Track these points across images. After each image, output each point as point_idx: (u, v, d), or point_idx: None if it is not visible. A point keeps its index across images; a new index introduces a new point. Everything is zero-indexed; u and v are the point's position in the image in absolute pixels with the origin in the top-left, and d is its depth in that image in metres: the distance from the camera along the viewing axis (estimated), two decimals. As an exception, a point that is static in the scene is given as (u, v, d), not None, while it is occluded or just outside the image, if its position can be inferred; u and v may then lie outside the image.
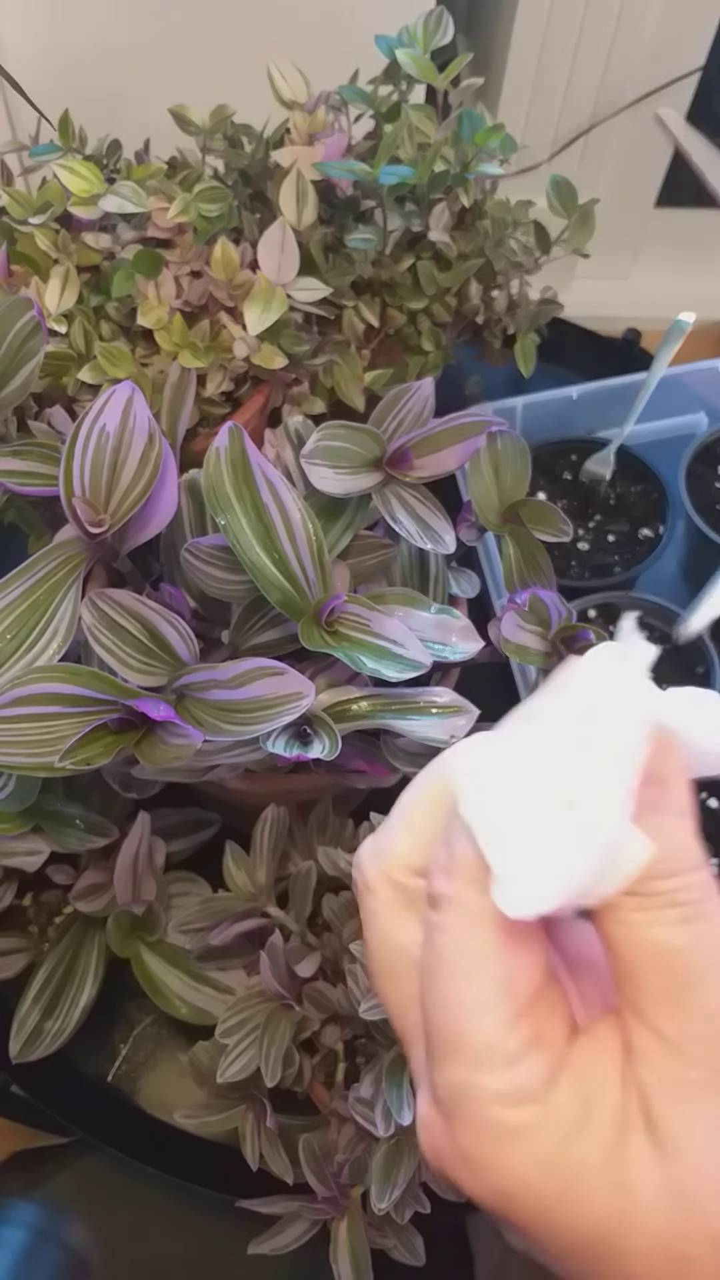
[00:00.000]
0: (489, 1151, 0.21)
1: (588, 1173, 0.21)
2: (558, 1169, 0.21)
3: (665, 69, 1.04)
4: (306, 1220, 0.54)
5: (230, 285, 0.63)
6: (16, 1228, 0.68)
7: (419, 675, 0.49)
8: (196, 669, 0.47)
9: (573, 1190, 0.21)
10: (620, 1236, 0.21)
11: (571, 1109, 0.21)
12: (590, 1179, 0.21)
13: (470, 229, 0.72)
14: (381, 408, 0.54)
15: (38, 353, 0.51)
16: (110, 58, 0.91)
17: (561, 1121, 0.21)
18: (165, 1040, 0.66)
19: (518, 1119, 0.21)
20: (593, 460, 0.84)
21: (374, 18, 0.77)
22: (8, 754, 0.44)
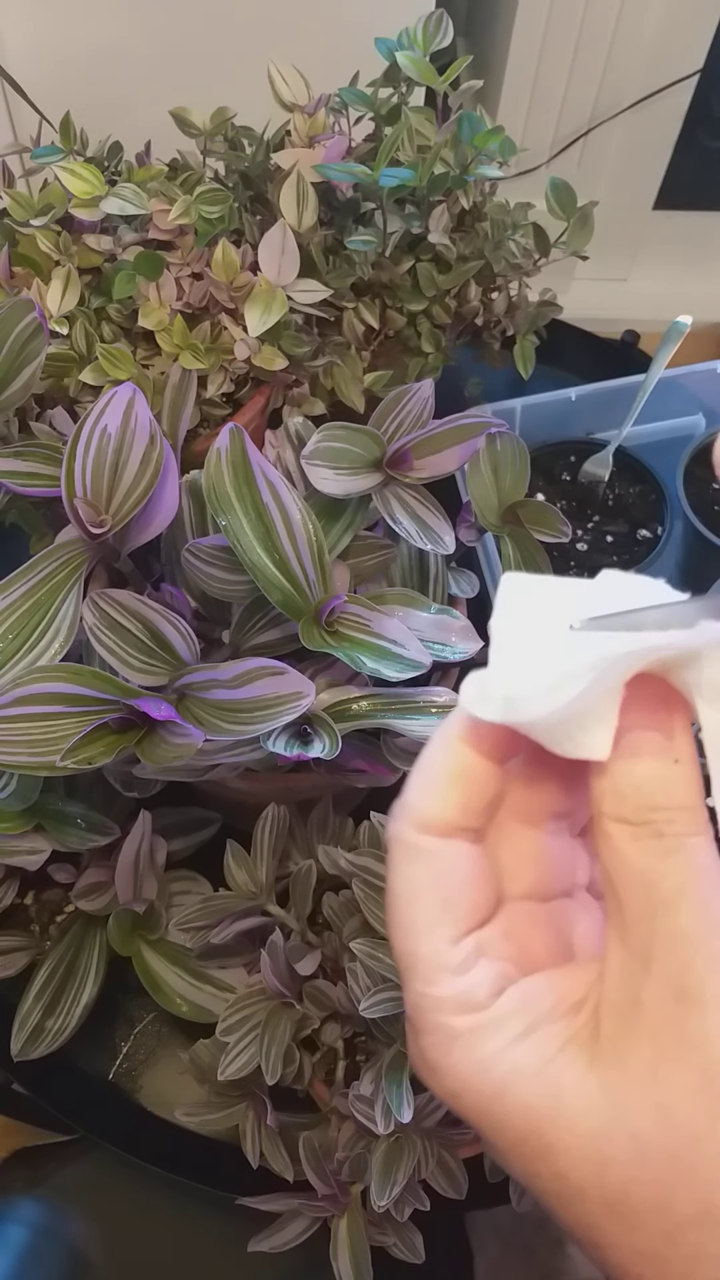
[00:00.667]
0: (440, 1055, 0.24)
1: (521, 1075, 0.23)
2: (494, 1073, 0.23)
3: (664, 71, 1.05)
4: (307, 1218, 0.54)
5: (231, 287, 0.63)
6: (18, 1225, 0.69)
7: (419, 675, 0.49)
8: (197, 669, 0.47)
9: (506, 1092, 0.23)
10: (549, 1133, 0.23)
11: (513, 1020, 0.24)
12: (523, 1081, 0.23)
13: (470, 231, 0.72)
14: (381, 409, 0.55)
15: (39, 354, 0.52)
16: (111, 60, 0.92)
17: (501, 1030, 0.24)
18: (166, 1038, 0.67)
19: (461, 1024, 0.24)
20: (591, 461, 0.84)
21: (374, 20, 0.77)
22: (10, 753, 0.44)
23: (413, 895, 0.25)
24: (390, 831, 0.26)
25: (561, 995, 0.24)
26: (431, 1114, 0.52)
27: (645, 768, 0.23)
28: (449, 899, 0.25)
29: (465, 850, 0.25)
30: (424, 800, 0.25)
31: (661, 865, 0.23)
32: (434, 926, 0.25)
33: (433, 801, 0.25)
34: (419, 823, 0.25)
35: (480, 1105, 0.24)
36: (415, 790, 0.25)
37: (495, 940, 0.25)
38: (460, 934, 0.25)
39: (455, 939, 0.25)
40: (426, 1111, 0.52)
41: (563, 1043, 0.24)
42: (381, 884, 0.53)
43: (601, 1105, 0.22)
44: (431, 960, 0.25)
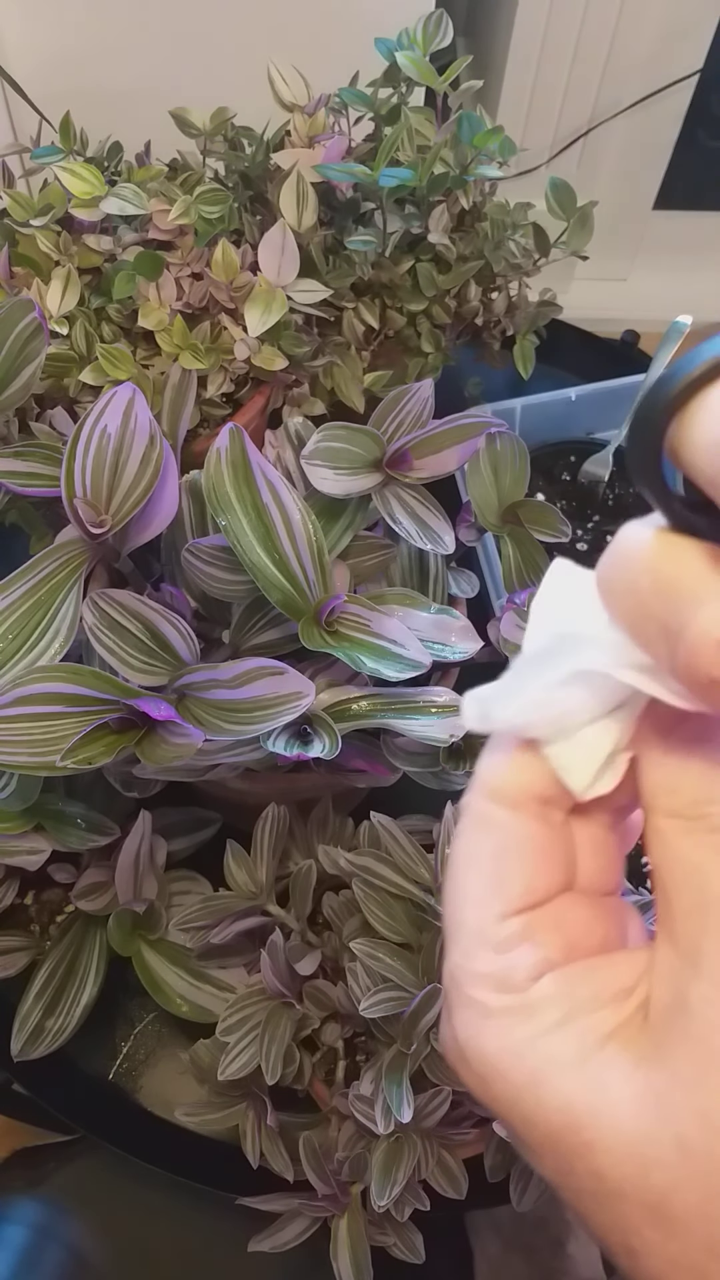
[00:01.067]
0: (471, 1034, 0.23)
1: (558, 1066, 0.22)
2: (528, 1058, 0.23)
3: (664, 72, 1.05)
4: (307, 1218, 0.54)
5: (231, 287, 0.63)
6: (18, 1225, 0.69)
7: (419, 675, 0.49)
8: (197, 669, 0.47)
9: (543, 1082, 0.22)
10: (589, 1130, 0.22)
11: (551, 1006, 0.23)
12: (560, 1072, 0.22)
13: (469, 231, 0.72)
14: (381, 409, 0.55)
15: (39, 354, 0.52)
16: (111, 60, 0.92)
17: (538, 1014, 0.23)
18: (166, 1038, 0.67)
19: (495, 1002, 0.23)
20: (591, 461, 0.84)
21: (374, 20, 0.78)
22: (10, 753, 0.44)
23: (469, 863, 0.24)
24: (463, 800, 0.25)
25: (605, 982, 0.24)
26: (431, 1114, 0.52)
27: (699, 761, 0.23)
28: (505, 873, 0.24)
29: (533, 827, 0.24)
30: (496, 768, 0.24)
31: (715, 861, 0.22)
32: (484, 899, 0.24)
33: (504, 769, 0.24)
34: (490, 789, 0.24)
35: (510, 1094, 0.23)
36: (488, 758, 0.25)
37: (545, 925, 0.24)
38: (509, 911, 0.24)
39: (503, 915, 0.24)
40: (426, 1111, 0.52)
41: (606, 1035, 0.23)
42: (381, 884, 0.53)
43: (648, 1106, 0.21)
44: (475, 932, 0.24)
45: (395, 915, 0.53)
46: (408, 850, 0.54)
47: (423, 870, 0.53)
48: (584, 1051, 0.22)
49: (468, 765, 0.52)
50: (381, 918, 0.53)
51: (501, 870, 0.24)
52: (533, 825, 0.24)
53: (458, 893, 0.24)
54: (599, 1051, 0.22)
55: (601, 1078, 0.22)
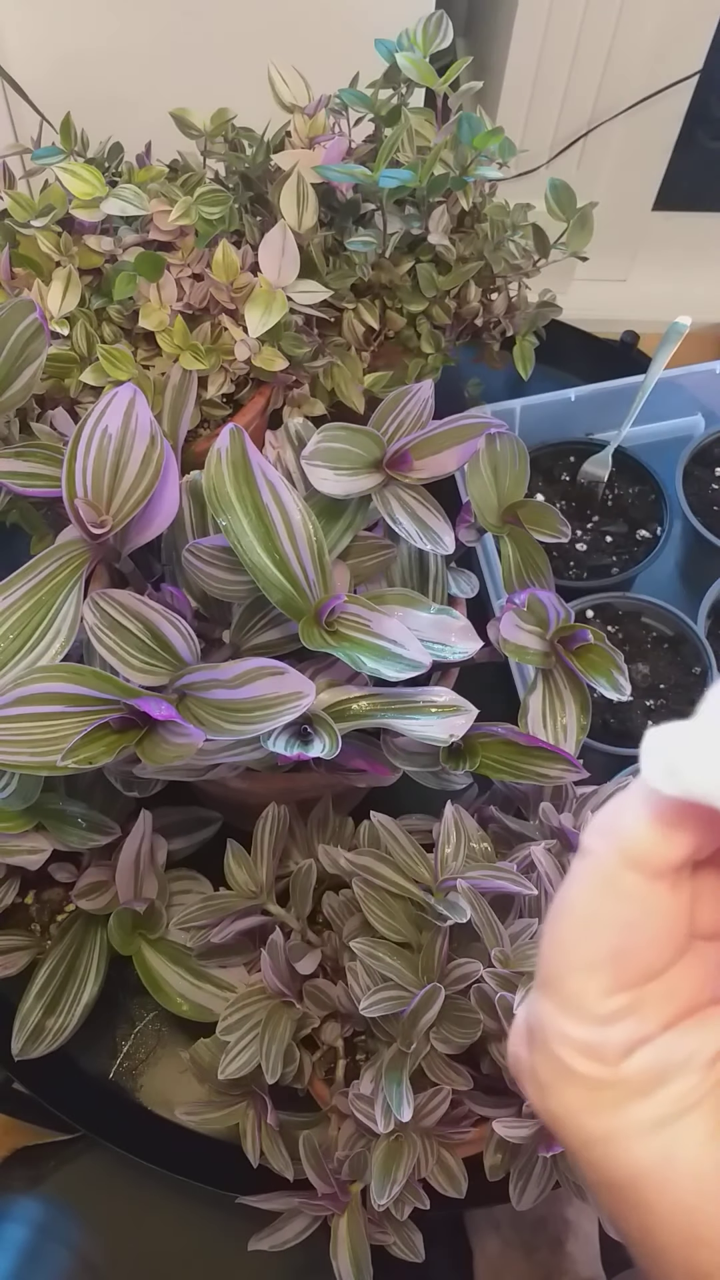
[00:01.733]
0: (552, 1080, 0.23)
1: (634, 1131, 0.22)
2: (608, 1120, 0.22)
3: (663, 72, 1.05)
4: (307, 1216, 0.54)
5: (231, 288, 0.63)
6: (19, 1224, 0.69)
7: (418, 675, 0.49)
8: (198, 669, 0.47)
9: (615, 1141, 0.22)
10: (648, 1192, 0.22)
11: (641, 1080, 0.22)
12: (636, 1138, 0.22)
13: (469, 232, 0.73)
14: (381, 410, 0.55)
15: (40, 355, 0.52)
16: (112, 61, 0.92)
17: (625, 1087, 0.22)
18: (166, 1037, 0.67)
19: (586, 1070, 0.23)
20: (591, 462, 0.84)
21: (374, 21, 0.78)
22: (10, 753, 0.45)
23: (590, 925, 0.23)
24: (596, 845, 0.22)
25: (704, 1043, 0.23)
26: (431, 1113, 0.52)
27: None
28: (624, 951, 0.22)
29: (666, 901, 0.22)
30: (640, 830, 0.21)
31: None
32: (595, 969, 0.22)
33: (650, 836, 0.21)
34: (629, 854, 0.22)
35: (581, 1140, 0.23)
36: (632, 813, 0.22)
37: (657, 998, 0.23)
38: (618, 988, 0.23)
39: (613, 990, 0.23)
40: (426, 1110, 0.52)
41: (689, 1105, 0.22)
42: (381, 884, 0.53)
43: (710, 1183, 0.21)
44: (577, 996, 0.23)
45: (395, 915, 0.53)
46: (408, 850, 0.54)
47: (423, 870, 0.53)
48: (662, 1120, 0.22)
49: (467, 765, 0.53)
50: (381, 917, 0.53)
51: (627, 945, 0.22)
52: (669, 897, 0.22)
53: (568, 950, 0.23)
54: (680, 1120, 0.22)
55: (672, 1147, 0.22)
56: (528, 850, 0.54)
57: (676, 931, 0.23)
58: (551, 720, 0.56)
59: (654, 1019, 0.23)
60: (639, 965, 0.23)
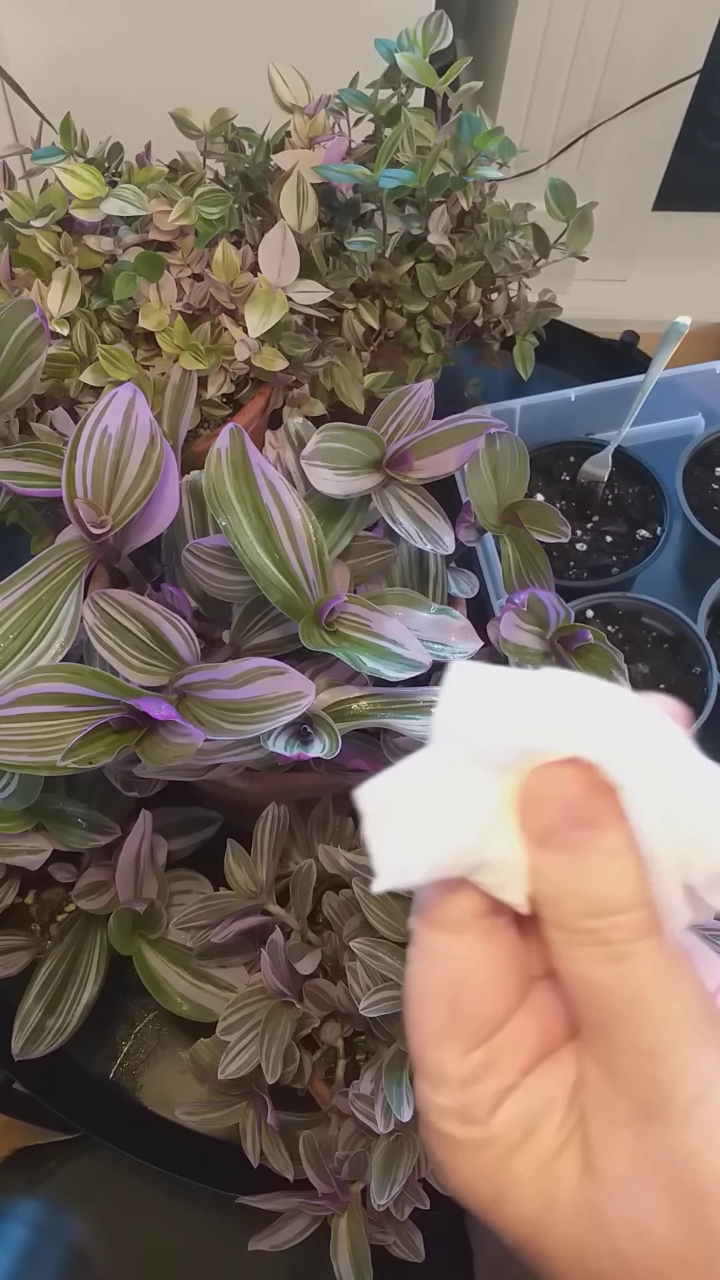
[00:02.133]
0: (446, 1157, 0.24)
1: (519, 1184, 0.23)
2: (495, 1179, 0.23)
3: (663, 73, 1.05)
4: (307, 1216, 0.54)
5: (231, 288, 0.63)
6: (18, 1224, 0.69)
7: (418, 675, 0.49)
8: (198, 668, 0.47)
9: (506, 1198, 0.23)
10: (544, 1242, 0.23)
11: (512, 1131, 0.23)
12: (521, 1189, 0.23)
13: (469, 232, 0.73)
14: (381, 410, 0.55)
15: (40, 355, 0.52)
16: (112, 61, 0.92)
17: (501, 1141, 0.23)
18: (166, 1037, 0.67)
19: (464, 1134, 0.24)
20: (591, 462, 0.84)
21: (374, 21, 0.78)
22: (10, 753, 0.45)
23: (424, 999, 0.24)
24: (411, 924, 0.25)
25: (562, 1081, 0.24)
26: (431, 1113, 0.52)
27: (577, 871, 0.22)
28: (459, 1009, 0.23)
29: (483, 950, 0.24)
30: (433, 895, 0.24)
31: (609, 976, 0.22)
32: (442, 1038, 0.24)
33: (442, 896, 0.23)
34: (432, 919, 0.24)
35: (483, 1206, 0.24)
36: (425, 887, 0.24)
37: (507, 1048, 0.24)
38: (469, 1047, 0.24)
39: (464, 1052, 0.23)
40: (426, 1110, 0.52)
41: (560, 1144, 0.23)
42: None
43: (588, 1219, 0.22)
44: (436, 1071, 0.24)
45: (395, 914, 0.53)
46: (407, 850, 0.54)
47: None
48: (541, 1165, 0.23)
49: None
50: (381, 917, 0.53)
51: (457, 1006, 0.23)
52: (482, 947, 0.24)
53: (416, 1029, 0.24)
54: (554, 1163, 0.23)
55: (552, 1192, 0.23)
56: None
57: (504, 979, 0.24)
58: (551, 720, 0.56)
59: (511, 1068, 0.24)
60: (477, 1019, 0.24)
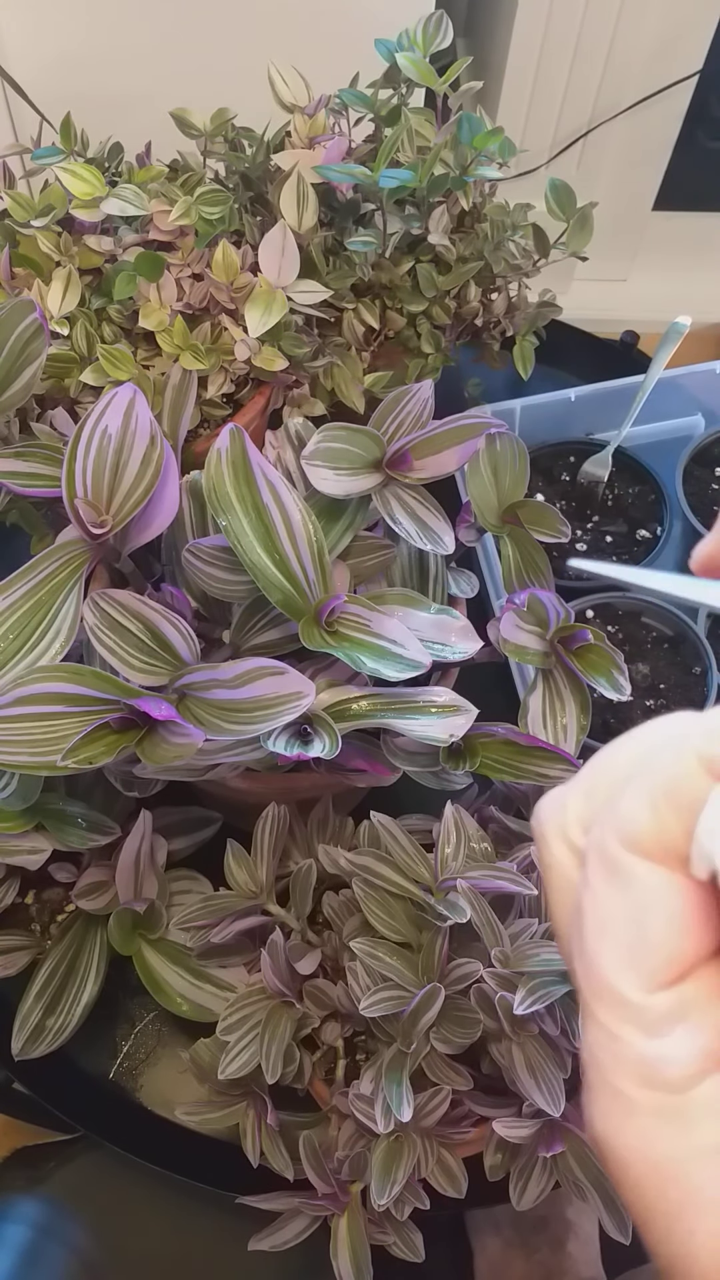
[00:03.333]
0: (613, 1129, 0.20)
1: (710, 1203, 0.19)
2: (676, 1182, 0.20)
3: (663, 72, 1.05)
4: (307, 1216, 0.54)
5: (231, 288, 0.63)
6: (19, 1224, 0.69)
7: (418, 675, 0.49)
8: (198, 669, 0.47)
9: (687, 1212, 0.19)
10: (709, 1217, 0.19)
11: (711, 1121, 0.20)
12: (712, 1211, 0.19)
13: (469, 232, 0.73)
14: (381, 410, 0.55)
15: (40, 355, 0.52)
16: (112, 61, 0.92)
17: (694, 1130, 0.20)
18: (166, 1037, 0.67)
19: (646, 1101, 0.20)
20: (591, 462, 0.84)
21: (374, 21, 0.78)
22: (10, 753, 0.45)
23: (604, 924, 0.21)
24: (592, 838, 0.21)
25: None
26: (431, 1113, 0.52)
27: None
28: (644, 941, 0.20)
29: (679, 882, 0.20)
30: (641, 814, 0.20)
31: None
32: (622, 968, 0.20)
33: (648, 821, 0.20)
34: (630, 838, 0.20)
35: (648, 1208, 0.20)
36: (633, 799, 0.21)
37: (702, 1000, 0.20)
38: (656, 983, 0.20)
39: (648, 987, 0.20)
40: (426, 1110, 0.52)
41: None
42: (381, 883, 0.53)
43: None
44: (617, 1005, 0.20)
45: (395, 914, 0.53)
46: (408, 850, 0.54)
47: (423, 870, 0.53)
48: None
49: (467, 765, 0.53)
50: (381, 917, 0.53)
51: (645, 934, 0.20)
52: (679, 880, 0.20)
53: (593, 956, 0.21)
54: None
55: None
56: (528, 850, 0.54)
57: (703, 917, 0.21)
58: (551, 720, 0.56)
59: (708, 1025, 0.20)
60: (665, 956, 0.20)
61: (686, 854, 0.20)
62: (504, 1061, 0.51)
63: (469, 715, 0.51)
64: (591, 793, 0.23)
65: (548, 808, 0.24)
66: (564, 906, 0.23)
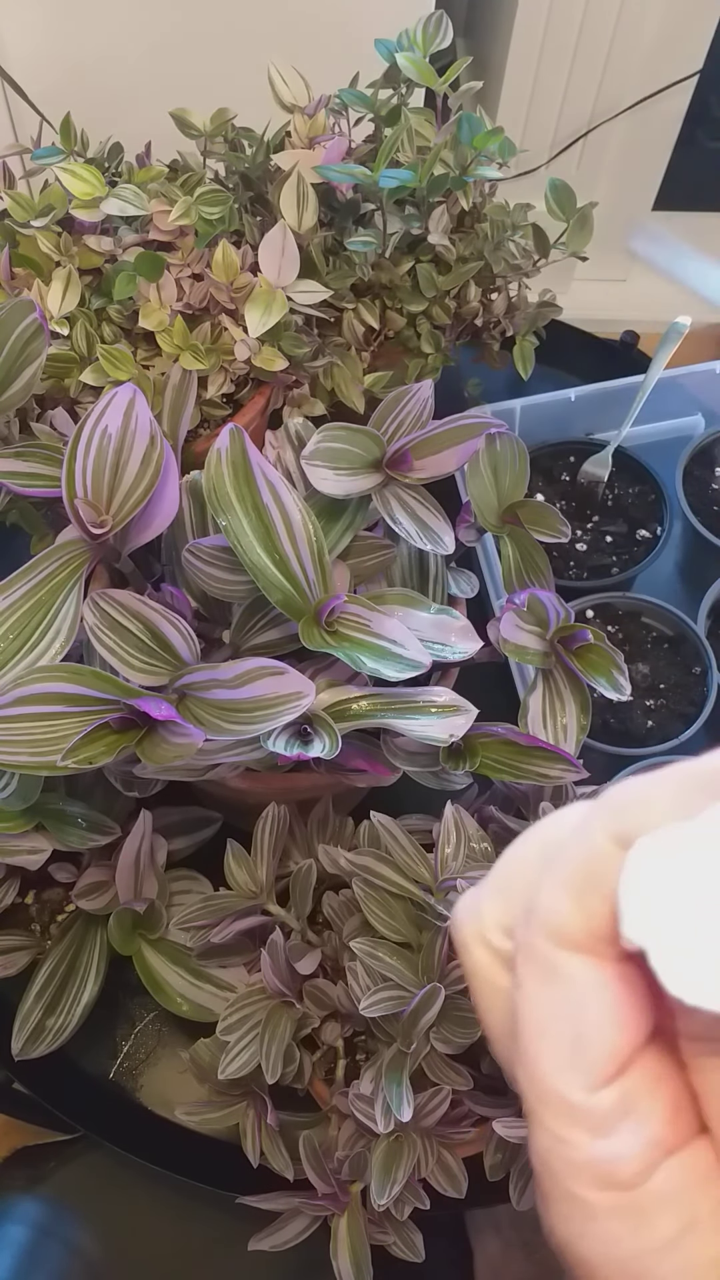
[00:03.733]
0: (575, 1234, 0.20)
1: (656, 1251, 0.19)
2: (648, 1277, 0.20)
3: (663, 72, 1.05)
4: (307, 1216, 0.54)
5: (231, 288, 0.63)
6: (19, 1224, 0.69)
7: (418, 675, 0.49)
8: (198, 669, 0.47)
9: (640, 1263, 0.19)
10: None
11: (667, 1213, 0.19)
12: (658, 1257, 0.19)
13: (469, 232, 0.73)
14: (381, 410, 0.55)
15: (40, 355, 0.52)
16: (112, 61, 0.92)
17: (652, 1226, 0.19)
18: (166, 1037, 0.67)
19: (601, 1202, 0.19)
20: (591, 462, 0.84)
21: (374, 21, 0.78)
22: (10, 753, 0.45)
23: (541, 1027, 0.20)
24: (519, 939, 0.21)
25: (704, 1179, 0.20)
26: (431, 1113, 0.52)
27: None
28: (582, 1037, 0.20)
29: (610, 974, 0.20)
30: (563, 905, 0.20)
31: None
32: (563, 1070, 0.20)
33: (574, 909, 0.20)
34: (556, 932, 0.20)
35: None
36: (552, 892, 0.20)
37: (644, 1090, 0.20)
38: (596, 1082, 0.20)
39: (591, 1087, 0.20)
40: (426, 1110, 0.52)
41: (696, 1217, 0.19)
42: (381, 884, 0.53)
43: None
44: (562, 1111, 0.20)
45: (395, 914, 0.53)
46: (408, 850, 0.54)
47: (423, 870, 0.53)
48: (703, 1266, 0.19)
49: (467, 765, 0.53)
50: (381, 917, 0.53)
51: (582, 1033, 0.20)
52: (609, 970, 0.20)
53: (534, 1061, 0.20)
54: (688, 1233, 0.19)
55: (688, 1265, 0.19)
56: (528, 850, 0.54)
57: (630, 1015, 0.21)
58: (551, 720, 0.56)
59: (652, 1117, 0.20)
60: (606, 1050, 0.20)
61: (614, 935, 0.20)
62: (504, 1061, 0.51)
63: (469, 715, 0.51)
64: (505, 892, 0.23)
65: (463, 913, 0.23)
66: (494, 1012, 0.23)
